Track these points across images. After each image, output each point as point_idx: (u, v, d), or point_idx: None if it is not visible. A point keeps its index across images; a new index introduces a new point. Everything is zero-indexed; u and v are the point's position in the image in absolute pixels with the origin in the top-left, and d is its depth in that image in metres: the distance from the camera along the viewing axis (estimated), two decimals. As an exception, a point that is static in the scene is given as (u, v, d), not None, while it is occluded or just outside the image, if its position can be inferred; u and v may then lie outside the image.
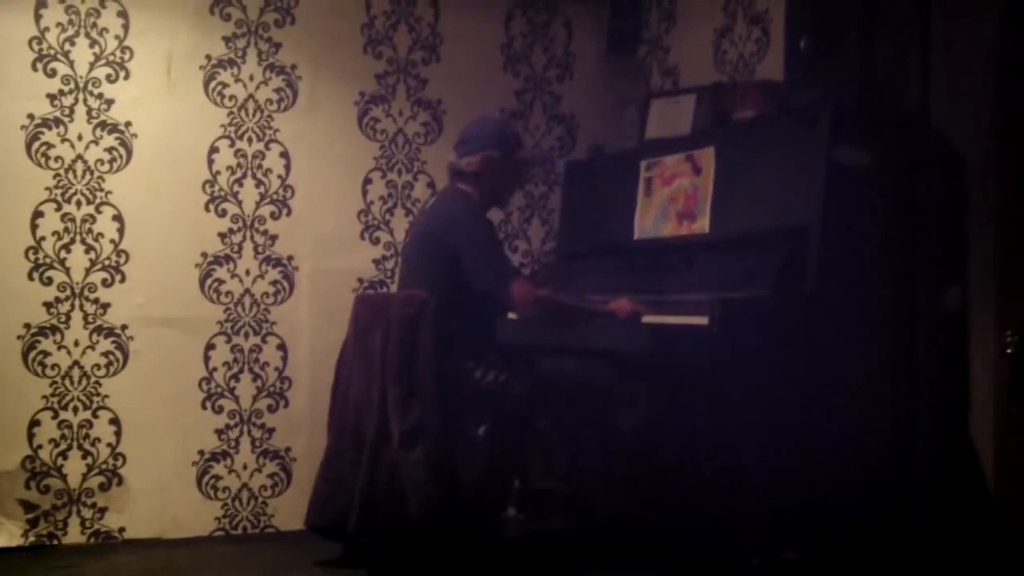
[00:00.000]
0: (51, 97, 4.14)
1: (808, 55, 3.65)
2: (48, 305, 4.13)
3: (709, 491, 3.79)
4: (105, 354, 4.21)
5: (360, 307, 3.84)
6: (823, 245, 3.32)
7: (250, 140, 4.45)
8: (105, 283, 4.22)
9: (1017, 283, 2.79)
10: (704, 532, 3.80)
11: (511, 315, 3.88)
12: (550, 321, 3.80)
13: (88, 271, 4.19)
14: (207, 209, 4.38)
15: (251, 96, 4.46)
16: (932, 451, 3.35)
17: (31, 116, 4.11)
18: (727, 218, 3.70)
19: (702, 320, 3.27)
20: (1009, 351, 2.72)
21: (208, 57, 4.39)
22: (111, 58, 4.23)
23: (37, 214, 4.12)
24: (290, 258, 4.50)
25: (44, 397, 4.12)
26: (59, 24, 4.15)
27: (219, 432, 4.38)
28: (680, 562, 3.76)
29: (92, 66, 4.20)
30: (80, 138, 4.19)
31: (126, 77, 4.25)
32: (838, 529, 3.34)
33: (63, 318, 4.16)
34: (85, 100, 4.19)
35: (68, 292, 4.16)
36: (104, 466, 4.20)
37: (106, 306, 4.22)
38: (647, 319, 3.54)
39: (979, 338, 3.27)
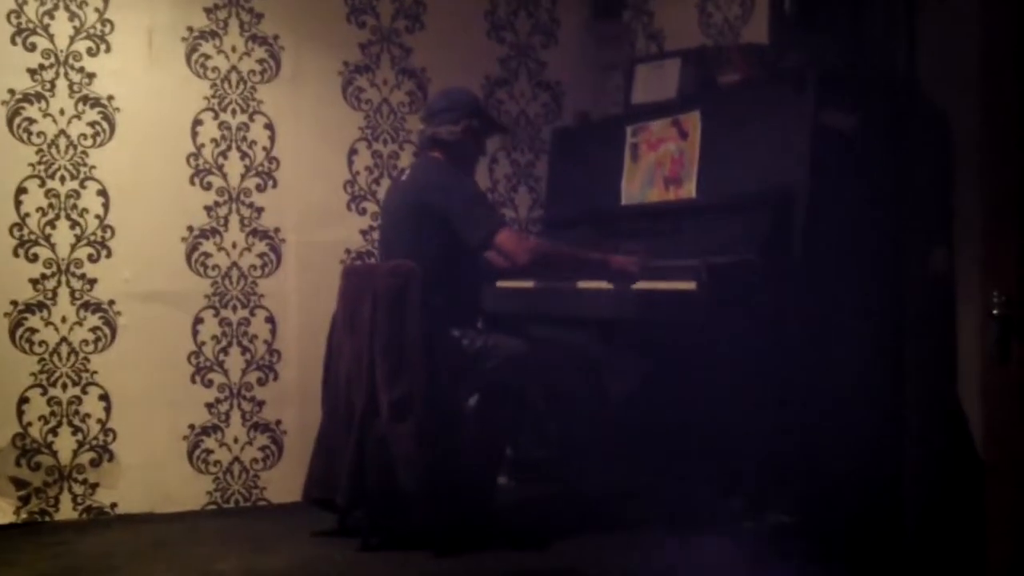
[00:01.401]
0: (31, 72, 4.10)
1: (793, 17, 3.64)
2: (34, 282, 4.12)
3: (700, 456, 3.80)
4: (93, 330, 4.20)
5: (348, 279, 3.83)
6: (810, 209, 3.32)
7: (234, 112, 4.42)
8: (91, 259, 4.20)
9: (1003, 244, 2.79)
10: (696, 497, 3.82)
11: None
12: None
13: (74, 247, 4.17)
14: (192, 182, 4.36)
15: (234, 68, 4.43)
16: (921, 413, 3.36)
17: (12, 91, 4.07)
18: (714, 183, 3.69)
19: (690, 285, 3.28)
20: (995, 312, 2.71)
21: (190, 29, 4.35)
22: (91, 31, 4.19)
23: (21, 190, 4.10)
24: (277, 230, 4.49)
25: (33, 374, 4.11)
26: (37, -3, 4.11)
27: (209, 406, 4.37)
28: (672, 526, 3.78)
29: (72, 40, 4.16)
30: (62, 113, 4.15)
31: (107, 50, 4.22)
32: (829, 492, 3.36)
33: (50, 295, 4.14)
34: (66, 74, 4.16)
35: (54, 268, 4.14)
36: (95, 442, 4.20)
37: (93, 282, 4.20)
38: (636, 285, 3.53)
39: (966, 300, 3.27)
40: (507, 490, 4.11)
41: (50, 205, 4.14)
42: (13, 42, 4.08)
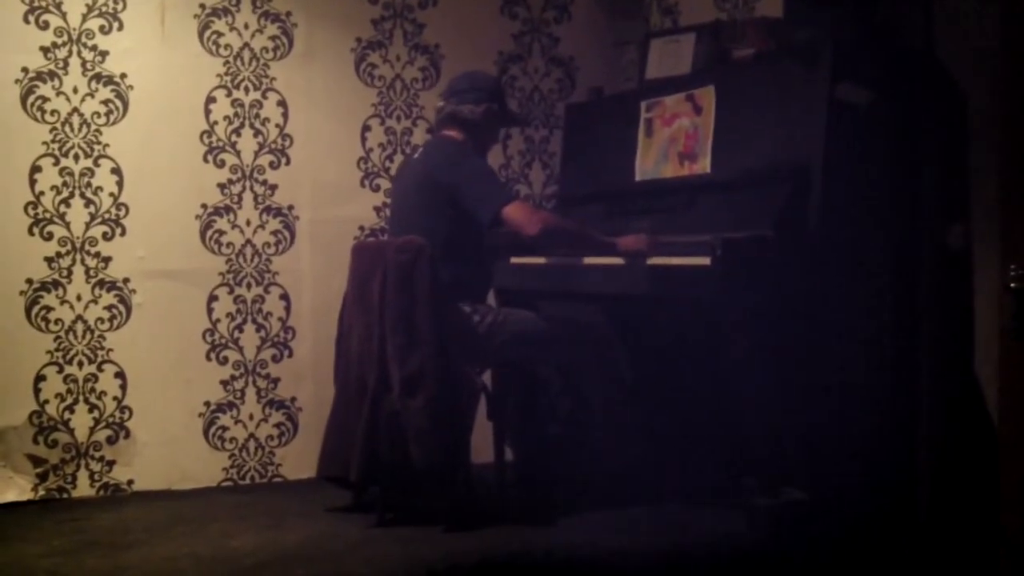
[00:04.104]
0: (44, 50, 4.11)
1: (808, -10, 3.60)
2: (49, 260, 4.13)
3: (713, 432, 3.80)
4: (108, 308, 4.22)
5: (358, 255, 3.83)
6: (825, 184, 3.30)
7: (247, 89, 4.42)
8: (106, 237, 4.21)
9: (1020, 218, 2.76)
10: (709, 473, 3.81)
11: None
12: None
13: (88, 225, 4.18)
14: (206, 160, 4.37)
15: (247, 45, 4.42)
16: (936, 388, 3.35)
17: (25, 69, 4.08)
18: (728, 158, 3.67)
19: (704, 261, 3.26)
20: (1012, 285, 2.70)
21: (202, 6, 4.34)
22: (104, 9, 4.18)
23: (35, 169, 4.11)
24: (290, 207, 4.49)
25: (48, 352, 4.14)
26: (50, -25, 4.11)
27: (224, 383, 4.39)
28: (686, 502, 3.78)
29: (85, 17, 4.16)
30: (75, 91, 4.16)
31: (120, 28, 4.21)
32: (843, 467, 3.35)
33: (65, 273, 4.15)
34: (79, 52, 4.16)
35: (69, 247, 4.16)
36: (111, 419, 4.22)
37: (107, 260, 4.21)
38: (650, 261, 3.52)
39: (983, 274, 3.25)
40: (517, 466, 4.11)
41: (64, 183, 4.15)
42: (26, 20, 4.08)
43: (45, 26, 4.10)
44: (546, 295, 4.12)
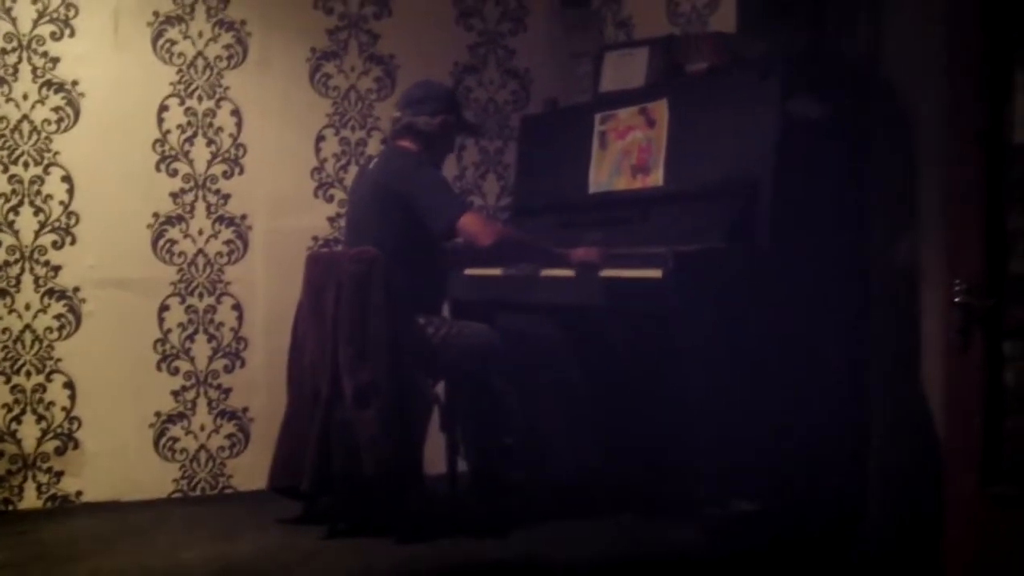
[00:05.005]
0: (-6, 56, 4.08)
1: (761, 6, 3.64)
2: (-3, 269, 4.10)
3: (667, 442, 3.82)
4: (57, 317, 4.17)
5: (312, 266, 3.82)
6: (776, 197, 3.33)
7: (200, 98, 4.39)
8: (56, 245, 4.17)
9: (965, 233, 2.81)
10: (662, 484, 3.83)
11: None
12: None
13: (38, 233, 4.14)
14: (158, 169, 4.34)
15: (200, 53, 4.40)
16: (885, 399, 3.39)
17: (-27, 76, 4.05)
18: (681, 171, 3.70)
19: (656, 273, 3.28)
20: (958, 300, 2.75)
21: (156, 14, 4.32)
22: (55, 15, 4.15)
23: (-17, 176, 4.07)
24: (243, 217, 4.46)
25: (-4, 361, 4.10)
26: (-1, -19, 4.07)
27: (175, 394, 4.35)
28: (638, 514, 3.79)
29: (36, 23, 4.12)
30: (25, 97, 4.12)
31: (71, 35, 4.18)
32: (794, 477, 3.38)
33: (13, 281, 4.11)
34: (29, 59, 4.12)
35: (17, 255, 4.11)
36: (59, 430, 4.17)
37: (57, 268, 4.17)
38: (603, 273, 3.54)
39: (930, 287, 3.29)
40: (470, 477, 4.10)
41: (13, 191, 4.11)
42: (-26, 26, 4.05)
43: (-5, 32, 4.07)
44: (501, 307, 4.12)
